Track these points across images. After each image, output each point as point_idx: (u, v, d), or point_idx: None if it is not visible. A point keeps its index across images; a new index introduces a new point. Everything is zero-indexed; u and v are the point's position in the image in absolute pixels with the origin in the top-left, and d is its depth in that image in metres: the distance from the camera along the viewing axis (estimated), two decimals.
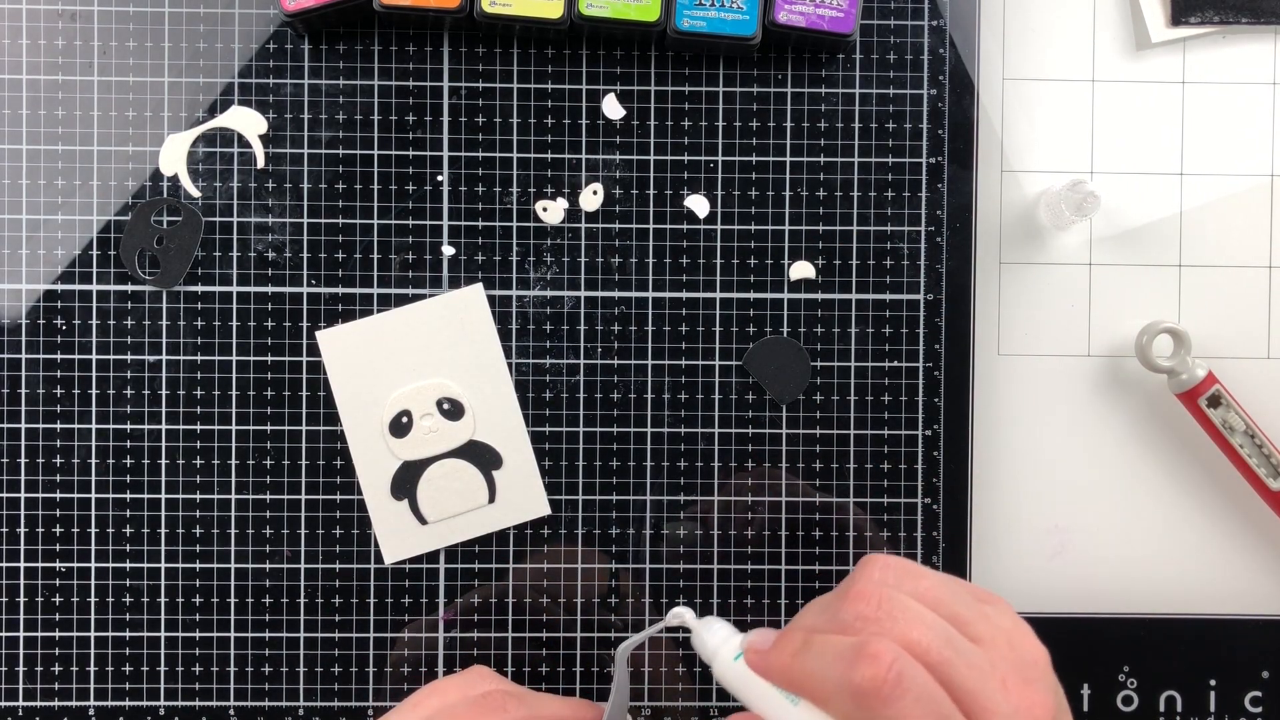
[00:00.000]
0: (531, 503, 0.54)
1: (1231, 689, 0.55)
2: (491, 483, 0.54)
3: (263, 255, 0.54)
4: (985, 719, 0.39)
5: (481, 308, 0.54)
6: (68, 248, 0.53)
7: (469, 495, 0.54)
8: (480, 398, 0.53)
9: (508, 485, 0.54)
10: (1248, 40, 0.55)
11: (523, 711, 0.46)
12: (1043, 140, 0.55)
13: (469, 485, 0.54)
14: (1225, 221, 0.55)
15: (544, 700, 0.48)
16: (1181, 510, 0.55)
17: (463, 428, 0.53)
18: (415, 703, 0.47)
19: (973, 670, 0.39)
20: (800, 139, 0.54)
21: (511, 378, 0.54)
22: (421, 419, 0.53)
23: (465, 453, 0.54)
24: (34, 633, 0.53)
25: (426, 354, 0.53)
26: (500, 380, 0.53)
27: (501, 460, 0.54)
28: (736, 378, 0.54)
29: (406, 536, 0.53)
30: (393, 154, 0.54)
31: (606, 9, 0.51)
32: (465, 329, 0.53)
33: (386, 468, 0.53)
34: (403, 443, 0.53)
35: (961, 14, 0.55)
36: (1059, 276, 0.55)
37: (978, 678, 0.39)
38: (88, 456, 0.53)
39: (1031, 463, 0.55)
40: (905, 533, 0.54)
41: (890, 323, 0.54)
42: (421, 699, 0.47)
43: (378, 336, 0.53)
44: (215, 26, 0.53)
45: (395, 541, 0.54)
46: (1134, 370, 0.55)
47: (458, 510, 0.54)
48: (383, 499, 0.53)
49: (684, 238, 0.54)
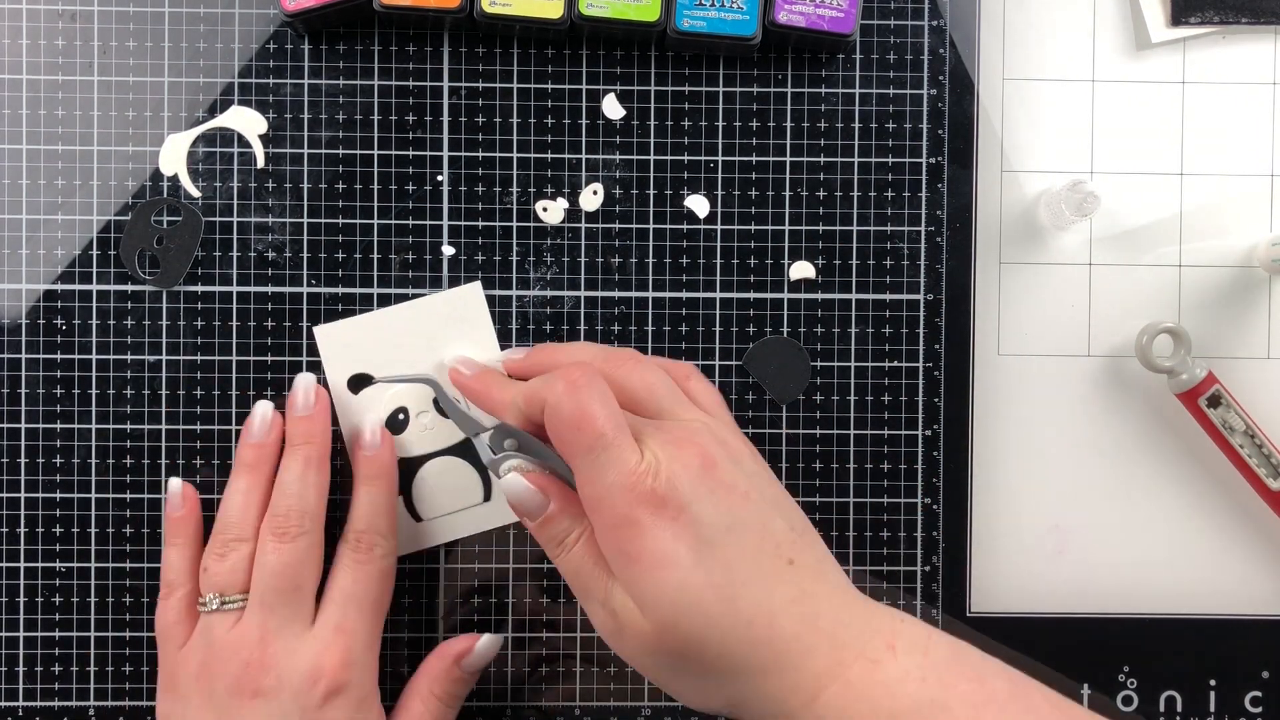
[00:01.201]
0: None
1: (1231, 689, 0.55)
2: (487, 481, 0.54)
3: (263, 255, 0.54)
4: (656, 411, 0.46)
5: (480, 305, 0.53)
6: (68, 248, 0.53)
7: (464, 493, 0.54)
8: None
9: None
10: (1248, 40, 0.55)
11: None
12: (1043, 140, 0.55)
13: (464, 483, 0.54)
14: (1225, 221, 0.55)
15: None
16: (1181, 510, 0.55)
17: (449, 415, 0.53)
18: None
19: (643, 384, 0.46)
20: (800, 139, 0.54)
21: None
22: (418, 416, 0.53)
23: (461, 451, 0.54)
24: (34, 633, 0.53)
25: (425, 351, 0.53)
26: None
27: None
28: (736, 378, 0.54)
29: (401, 533, 0.53)
30: (393, 154, 0.54)
31: (606, 9, 0.51)
32: (464, 326, 0.53)
33: None
34: (399, 439, 0.53)
35: (961, 14, 0.55)
36: (1059, 276, 0.55)
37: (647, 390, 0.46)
38: (88, 456, 0.53)
39: (1031, 463, 0.55)
40: (905, 533, 0.54)
41: (890, 323, 0.54)
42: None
43: (375, 332, 0.53)
44: (215, 26, 0.53)
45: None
46: (1134, 370, 0.55)
47: (453, 508, 0.54)
48: None
49: (684, 238, 0.54)
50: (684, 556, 0.41)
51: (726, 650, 0.41)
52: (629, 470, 0.42)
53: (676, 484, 0.42)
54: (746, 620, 0.41)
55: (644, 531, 0.41)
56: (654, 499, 0.41)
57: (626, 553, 0.41)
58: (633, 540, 0.41)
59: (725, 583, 0.41)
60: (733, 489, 0.42)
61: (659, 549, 0.41)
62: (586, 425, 0.42)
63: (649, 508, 0.41)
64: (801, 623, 0.41)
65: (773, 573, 0.42)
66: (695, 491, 0.42)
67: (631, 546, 0.41)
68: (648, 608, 0.41)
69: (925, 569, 0.55)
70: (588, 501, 0.43)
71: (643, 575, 0.41)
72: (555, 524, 0.45)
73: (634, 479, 0.41)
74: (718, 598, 0.41)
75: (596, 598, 0.43)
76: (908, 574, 0.54)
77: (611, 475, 0.42)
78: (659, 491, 0.41)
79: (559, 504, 0.45)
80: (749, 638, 0.41)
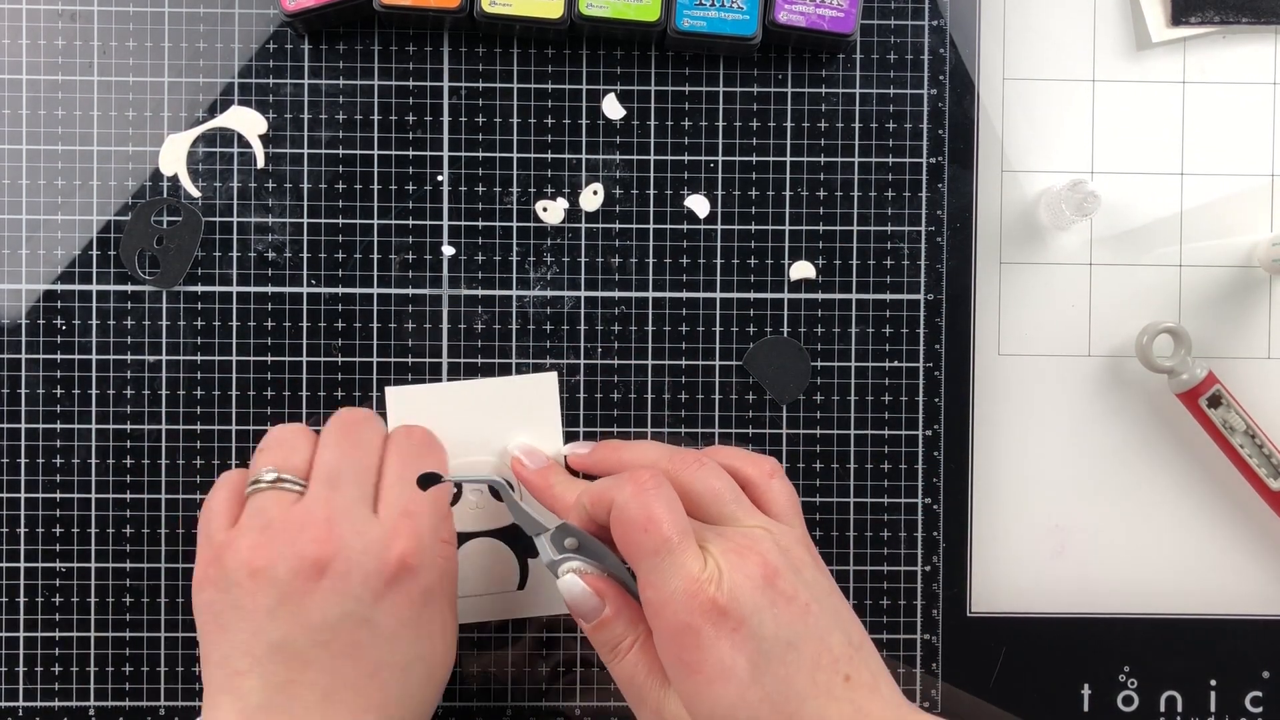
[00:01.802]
0: (559, 599, 0.53)
1: (1231, 689, 0.55)
2: (524, 569, 0.54)
3: (263, 255, 0.53)
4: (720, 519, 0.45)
5: (552, 395, 0.54)
6: (68, 248, 0.53)
7: (501, 578, 0.54)
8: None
9: (540, 574, 0.54)
10: (1248, 40, 0.55)
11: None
12: (1043, 140, 0.55)
13: (502, 568, 0.54)
14: (1225, 221, 0.55)
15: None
16: (1181, 510, 0.55)
17: (507, 510, 0.53)
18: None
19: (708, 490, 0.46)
20: (800, 139, 0.54)
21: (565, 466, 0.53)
22: (469, 493, 0.53)
23: (504, 535, 0.54)
24: (34, 633, 0.53)
25: (490, 430, 0.53)
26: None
27: (539, 550, 0.54)
28: (736, 378, 0.54)
29: None
30: (393, 154, 0.54)
31: (606, 9, 0.51)
32: (531, 413, 0.53)
33: None
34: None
35: (961, 14, 0.55)
36: (1059, 276, 0.55)
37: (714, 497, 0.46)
38: (88, 456, 0.53)
39: (1031, 463, 0.55)
40: (905, 533, 0.54)
41: (890, 323, 0.54)
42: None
43: (443, 404, 0.53)
44: (215, 26, 0.53)
45: None
46: (1134, 370, 0.55)
47: (487, 590, 0.54)
48: None
49: (684, 238, 0.54)
50: (742, 670, 0.41)
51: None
52: (692, 577, 0.42)
53: (738, 595, 0.42)
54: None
55: (704, 642, 0.41)
56: (715, 609, 0.41)
57: (686, 662, 0.42)
58: (692, 650, 0.41)
59: (782, 699, 0.41)
60: (793, 600, 0.43)
61: (718, 661, 0.41)
62: (653, 529, 0.42)
63: (710, 617, 0.41)
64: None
65: (828, 690, 0.42)
66: (756, 603, 0.42)
67: (691, 656, 0.41)
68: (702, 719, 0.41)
69: (925, 569, 0.55)
70: (649, 606, 0.43)
71: (701, 687, 0.41)
72: (610, 628, 0.45)
73: (696, 586, 0.42)
74: (773, 713, 0.41)
75: (650, 705, 0.44)
76: (908, 574, 0.54)
77: (675, 582, 0.42)
78: (720, 602, 0.41)
79: (615, 608, 0.45)
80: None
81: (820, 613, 0.43)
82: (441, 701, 0.54)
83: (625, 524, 0.43)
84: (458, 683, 0.54)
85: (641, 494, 0.43)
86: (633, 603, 0.45)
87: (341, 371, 0.53)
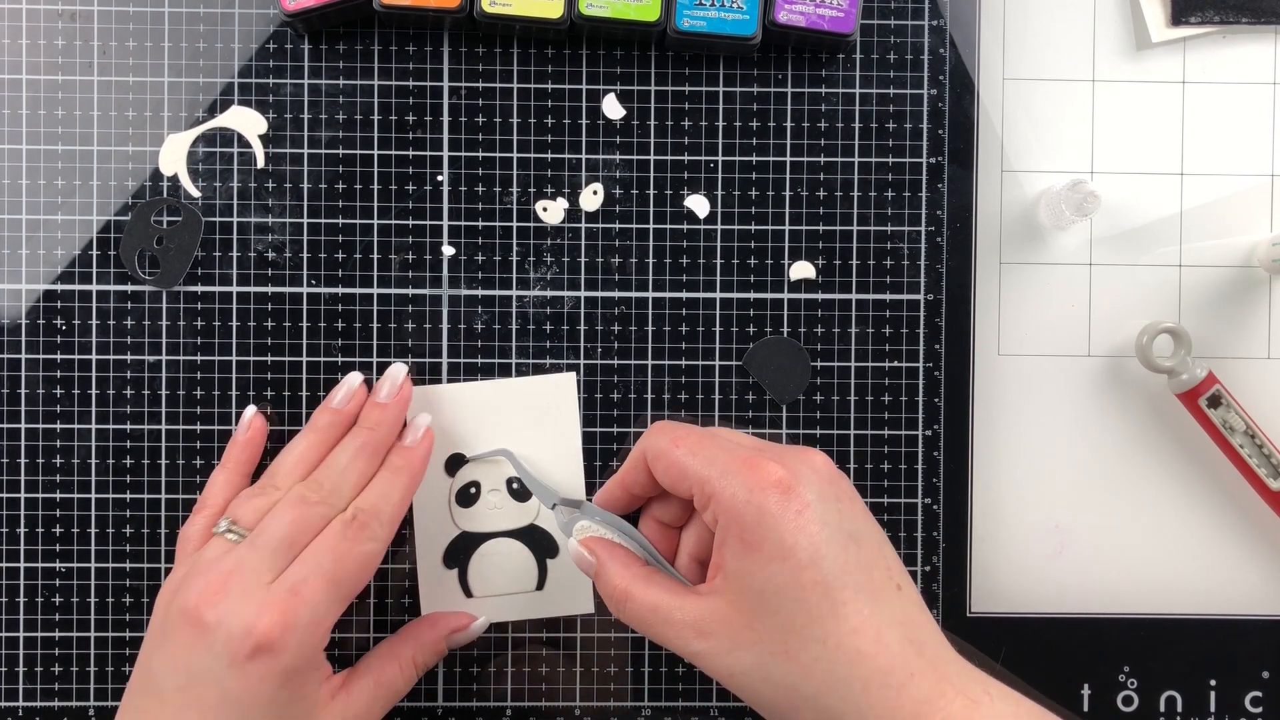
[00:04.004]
0: (578, 599, 0.54)
1: (1231, 689, 0.55)
2: (543, 570, 0.54)
3: (263, 255, 0.54)
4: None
5: (570, 397, 0.54)
6: (68, 248, 0.53)
7: (519, 578, 0.54)
8: (551, 484, 0.53)
9: (559, 575, 0.54)
10: (1248, 40, 0.55)
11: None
12: (1043, 140, 0.55)
13: (521, 568, 0.54)
14: (1225, 221, 0.55)
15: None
16: (1182, 510, 0.55)
17: (527, 510, 0.53)
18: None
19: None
20: (800, 139, 0.54)
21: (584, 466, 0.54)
22: (489, 493, 0.53)
23: (524, 535, 0.54)
24: (34, 633, 0.53)
25: (508, 430, 0.53)
26: (574, 472, 0.53)
27: (558, 550, 0.54)
28: (736, 378, 0.54)
29: (450, 605, 0.53)
30: (393, 154, 0.54)
31: (606, 9, 0.51)
32: (550, 414, 0.53)
33: (444, 534, 0.53)
34: (466, 513, 0.53)
35: (961, 14, 0.55)
36: (1059, 276, 0.55)
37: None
38: (88, 456, 0.53)
39: (1031, 463, 0.55)
40: (905, 533, 0.54)
41: (890, 323, 0.54)
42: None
43: (462, 404, 0.53)
44: (215, 26, 0.53)
45: (438, 607, 0.53)
46: (1134, 370, 0.55)
47: (505, 590, 0.54)
48: (433, 564, 0.53)
49: (684, 238, 0.54)
50: (802, 552, 0.41)
51: (826, 654, 0.41)
52: (758, 464, 0.43)
53: (805, 479, 0.43)
54: (852, 628, 0.41)
55: (766, 520, 0.42)
56: (782, 487, 0.42)
57: (745, 541, 0.42)
58: (754, 528, 0.42)
59: (838, 585, 0.41)
60: (855, 501, 0.44)
61: (778, 540, 0.42)
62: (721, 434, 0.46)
63: (777, 494, 0.42)
64: (908, 646, 0.42)
65: (884, 589, 0.42)
66: (823, 492, 0.43)
67: (752, 536, 0.42)
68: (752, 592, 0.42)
69: (925, 569, 0.55)
70: (717, 500, 0.43)
71: (756, 566, 0.42)
72: (603, 579, 0.46)
73: (764, 468, 0.43)
74: (822, 599, 0.41)
75: (676, 617, 0.44)
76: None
77: (741, 467, 0.43)
78: (787, 481, 0.42)
79: (601, 561, 0.46)
80: (853, 646, 0.41)
81: (877, 525, 0.44)
82: (442, 702, 0.54)
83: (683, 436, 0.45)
84: (458, 682, 0.54)
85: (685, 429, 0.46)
86: (625, 553, 0.47)
87: (341, 371, 0.53)
